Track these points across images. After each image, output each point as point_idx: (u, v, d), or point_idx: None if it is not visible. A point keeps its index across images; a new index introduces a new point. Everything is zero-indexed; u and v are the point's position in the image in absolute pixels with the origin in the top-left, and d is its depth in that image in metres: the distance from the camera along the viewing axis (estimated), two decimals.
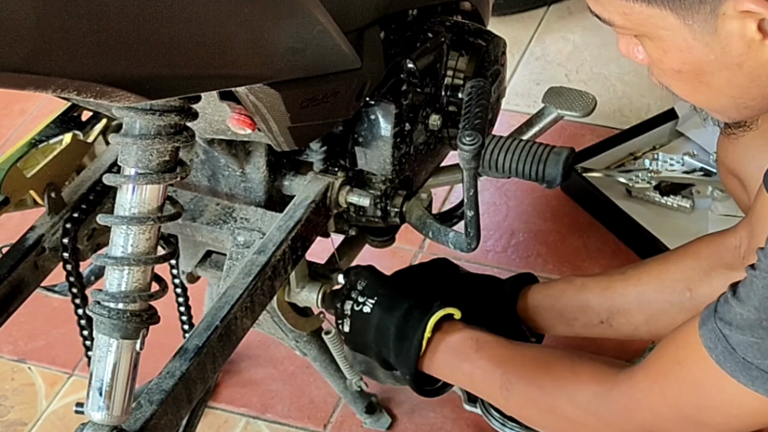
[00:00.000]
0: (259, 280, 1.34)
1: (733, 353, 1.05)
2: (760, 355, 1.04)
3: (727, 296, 1.07)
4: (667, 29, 0.98)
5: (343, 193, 1.46)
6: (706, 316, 1.09)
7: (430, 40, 1.48)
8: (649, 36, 1.00)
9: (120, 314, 1.14)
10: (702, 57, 0.98)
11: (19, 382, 1.86)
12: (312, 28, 1.16)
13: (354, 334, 1.47)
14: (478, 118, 1.34)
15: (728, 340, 1.05)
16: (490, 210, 2.05)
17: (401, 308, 1.43)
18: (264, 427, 1.76)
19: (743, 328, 1.04)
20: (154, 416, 1.20)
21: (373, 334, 1.45)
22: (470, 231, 1.41)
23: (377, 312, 1.44)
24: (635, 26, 1.00)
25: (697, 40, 0.97)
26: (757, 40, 0.94)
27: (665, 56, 1.01)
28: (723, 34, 0.95)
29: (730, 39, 0.95)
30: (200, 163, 1.48)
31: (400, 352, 1.42)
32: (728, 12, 0.94)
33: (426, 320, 1.40)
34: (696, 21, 0.95)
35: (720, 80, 1.00)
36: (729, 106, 1.04)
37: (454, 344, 1.40)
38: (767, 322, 1.02)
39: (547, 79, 2.28)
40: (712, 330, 1.07)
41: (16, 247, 1.41)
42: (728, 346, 1.05)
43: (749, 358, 1.04)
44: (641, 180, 2.01)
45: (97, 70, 0.93)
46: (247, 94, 1.19)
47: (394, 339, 1.42)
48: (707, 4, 0.94)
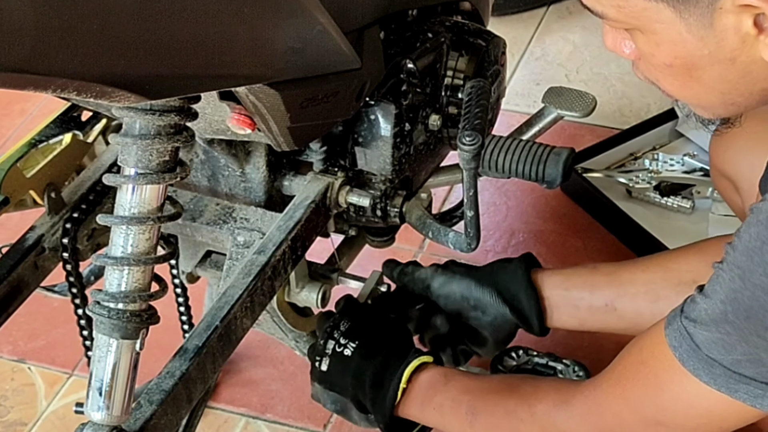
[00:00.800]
0: (259, 280, 1.34)
1: (697, 351, 1.06)
2: (724, 351, 1.04)
3: (693, 296, 1.07)
4: (661, 22, 0.97)
5: (343, 193, 1.46)
6: (672, 316, 1.10)
7: (430, 40, 1.48)
8: (642, 29, 1.00)
9: (120, 314, 1.14)
10: (695, 51, 0.98)
11: (19, 382, 1.86)
12: (312, 28, 1.16)
13: (331, 374, 1.46)
14: (478, 118, 1.34)
15: (693, 338, 1.06)
16: (490, 210, 2.05)
17: (380, 355, 1.43)
18: (264, 427, 1.76)
19: (708, 323, 1.04)
20: (154, 416, 1.20)
21: (351, 377, 1.45)
22: (470, 231, 1.41)
23: (357, 356, 1.44)
24: (629, 19, 0.99)
25: (691, 34, 0.97)
26: (752, 35, 0.94)
27: (657, 50, 1.00)
28: (719, 28, 0.95)
29: (726, 33, 0.95)
30: (200, 163, 1.48)
31: (375, 398, 1.43)
32: (726, 6, 0.93)
33: (402, 370, 1.41)
34: (692, 14, 0.95)
35: (711, 75, 1.00)
36: (716, 102, 1.04)
37: (425, 382, 1.41)
38: (732, 315, 1.02)
39: (547, 79, 2.28)
40: (677, 329, 1.07)
41: (16, 247, 1.41)
42: (692, 344, 1.06)
43: (713, 355, 1.04)
44: (641, 180, 2.01)
45: (97, 70, 0.93)
46: (247, 94, 1.19)
47: (371, 386, 1.43)
48: None
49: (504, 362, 1.74)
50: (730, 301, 1.02)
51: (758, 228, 1.00)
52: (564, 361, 1.72)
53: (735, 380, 1.05)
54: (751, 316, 1.01)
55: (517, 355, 1.74)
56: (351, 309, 1.50)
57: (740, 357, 1.03)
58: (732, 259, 1.02)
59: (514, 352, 1.73)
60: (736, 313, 1.02)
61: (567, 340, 1.81)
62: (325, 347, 1.46)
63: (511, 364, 1.74)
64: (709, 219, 1.96)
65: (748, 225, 1.01)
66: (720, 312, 1.03)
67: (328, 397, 1.49)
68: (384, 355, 1.43)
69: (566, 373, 1.71)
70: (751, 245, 1.00)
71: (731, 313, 1.02)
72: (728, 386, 1.05)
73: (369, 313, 1.51)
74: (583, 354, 1.77)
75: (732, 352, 1.03)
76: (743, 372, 1.04)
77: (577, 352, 1.78)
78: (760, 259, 0.99)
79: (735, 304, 1.02)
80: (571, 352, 1.78)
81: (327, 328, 1.47)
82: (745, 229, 1.02)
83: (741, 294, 1.01)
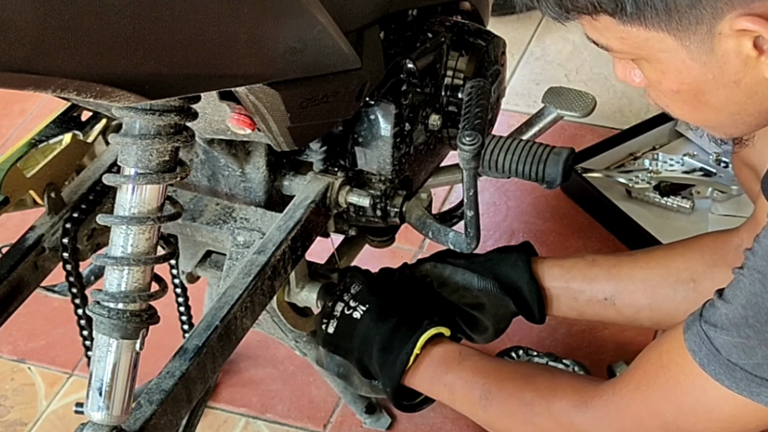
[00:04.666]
0: (259, 280, 1.34)
1: (717, 355, 1.06)
2: (744, 356, 1.05)
3: (713, 300, 1.08)
4: (664, 51, 0.99)
5: (343, 193, 1.46)
6: (691, 321, 1.10)
7: (430, 40, 1.48)
8: (647, 59, 1.02)
9: (120, 314, 1.14)
10: (700, 76, 0.99)
11: (19, 382, 1.85)
12: (312, 28, 1.16)
13: (337, 337, 1.46)
14: (478, 118, 1.34)
15: (713, 342, 1.06)
16: (490, 210, 2.05)
17: (390, 321, 1.43)
18: (264, 427, 1.76)
19: (728, 328, 1.05)
20: (154, 416, 1.20)
21: (359, 341, 1.44)
22: (470, 231, 1.41)
23: (366, 319, 1.44)
24: (633, 50, 1.01)
25: (694, 60, 0.98)
26: (753, 56, 0.96)
27: (664, 77, 1.02)
28: (720, 52, 0.97)
29: (727, 57, 0.97)
30: (200, 163, 1.48)
31: (384, 363, 1.42)
32: (724, 31, 0.95)
33: (417, 337, 1.40)
34: (693, 41, 0.97)
35: (718, 98, 1.01)
36: (727, 122, 1.06)
37: (438, 356, 1.41)
38: (753, 320, 1.03)
39: (547, 79, 2.28)
40: (697, 333, 1.08)
41: (16, 247, 1.41)
42: (713, 348, 1.06)
43: (734, 359, 1.05)
44: (641, 180, 2.01)
45: (97, 70, 0.94)
46: (247, 94, 1.19)
47: (379, 350, 1.42)
48: (704, 24, 0.95)
49: None
50: (751, 305, 1.03)
51: None
52: (564, 361, 1.72)
53: (757, 383, 1.05)
54: None
55: (517, 355, 1.74)
56: (365, 275, 1.49)
57: (761, 360, 1.04)
58: (752, 263, 1.03)
59: (514, 352, 1.73)
60: (756, 317, 1.03)
61: (567, 339, 1.81)
62: (333, 309, 1.46)
63: None
64: (708, 219, 1.96)
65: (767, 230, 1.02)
66: (741, 316, 1.04)
67: (331, 361, 1.49)
68: (397, 320, 1.42)
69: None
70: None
71: (752, 317, 1.03)
72: (750, 390, 1.06)
73: (380, 280, 1.51)
74: (583, 354, 1.77)
75: (753, 356, 1.04)
76: (765, 375, 1.04)
77: (577, 352, 1.78)
78: None
79: (756, 309, 1.03)
80: (571, 352, 1.78)
81: (337, 291, 1.47)
82: (764, 234, 1.03)
83: (762, 298, 1.02)
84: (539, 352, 1.75)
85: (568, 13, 0.99)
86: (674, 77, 1.01)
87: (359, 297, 1.46)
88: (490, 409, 1.34)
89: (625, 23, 0.98)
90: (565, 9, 0.99)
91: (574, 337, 1.81)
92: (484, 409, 1.35)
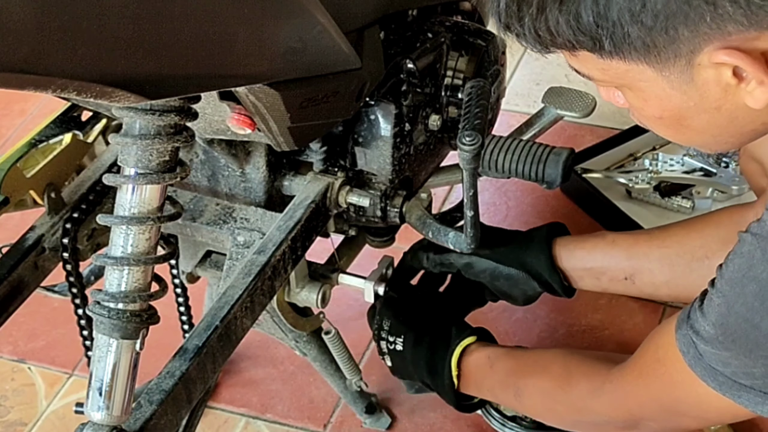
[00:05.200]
0: (259, 280, 1.34)
1: (701, 359, 1.12)
2: (722, 365, 1.10)
3: (696, 305, 1.12)
4: (645, 81, 1.00)
5: (343, 194, 1.46)
6: (681, 320, 1.15)
7: (430, 40, 1.48)
8: (629, 87, 1.03)
9: (120, 314, 1.14)
10: (681, 104, 1.01)
11: (19, 382, 1.86)
12: (312, 28, 1.16)
13: (397, 369, 1.58)
14: (478, 118, 1.34)
15: (696, 347, 1.12)
16: (490, 210, 2.05)
17: (425, 342, 1.52)
18: (264, 427, 1.76)
19: (706, 339, 1.10)
20: (154, 416, 1.20)
21: (412, 368, 1.55)
22: (470, 231, 1.41)
23: (408, 348, 1.54)
24: (614, 80, 1.03)
25: (674, 89, 1.00)
26: (733, 84, 0.97)
27: (645, 104, 1.04)
28: (700, 82, 0.98)
29: (707, 86, 0.98)
30: (200, 163, 1.48)
31: (436, 385, 1.54)
32: (703, 62, 0.96)
33: (449, 359, 1.49)
34: (672, 72, 0.98)
35: (700, 122, 1.03)
36: (710, 142, 1.08)
37: (473, 366, 1.50)
38: (722, 337, 1.08)
39: (547, 79, 2.28)
40: (685, 335, 1.13)
41: (16, 247, 1.41)
42: (697, 352, 1.12)
43: (713, 365, 1.10)
44: (641, 180, 2.01)
45: (97, 70, 0.94)
46: (247, 94, 1.19)
47: (428, 372, 1.53)
48: (682, 57, 0.96)
49: None
50: (719, 325, 1.08)
51: (741, 260, 1.05)
52: None
53: (737, 388, 1.10)
54: (737, 340, 1.07)
55: None
56: (389, 306, 1.56)
57: (736, 370, 1.09)
58: (719, 286, 1.08)
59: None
60: (725, 335, 1.08)
61: (567, 340, 1.81)
62: (381, 348, 1.57)
63: None
64: None
65: (734, 254, 1.07)
66: (713, 333, 1.09)
67: (405, 384, 1.66)
68: (429, 342, 1.52)
69: None
70: (734, 276, 1.06)
71: (721, 335, 1.08)
72: (732, 392, 1.11)
73: (406, 304, 1.57)
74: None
75: (728, 366, 1.09)
76: (742, 382, 1.09)
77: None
78: (740, 290, 1.05)
79: (723, 329, 1.08)
80: None
81: (375, 332, 1.57)
82: (731, 257, 1.07)
83: (726, 320, 1.07)
84: None
85: (547, 48, 1.01)
86: (656, 104, 1.03)
87: (393, 330, 1.55)
88: (524, 402, 1.45)
89: (604, 57, 0.99)
90: (544, 45, 1.01)
91: (574, 337, 1.82)
92: (520, 403, 1.46)
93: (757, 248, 1.03)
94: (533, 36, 1.00)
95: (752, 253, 1.04)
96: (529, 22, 0.98)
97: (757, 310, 1.03)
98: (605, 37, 0.96)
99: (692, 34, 0.94)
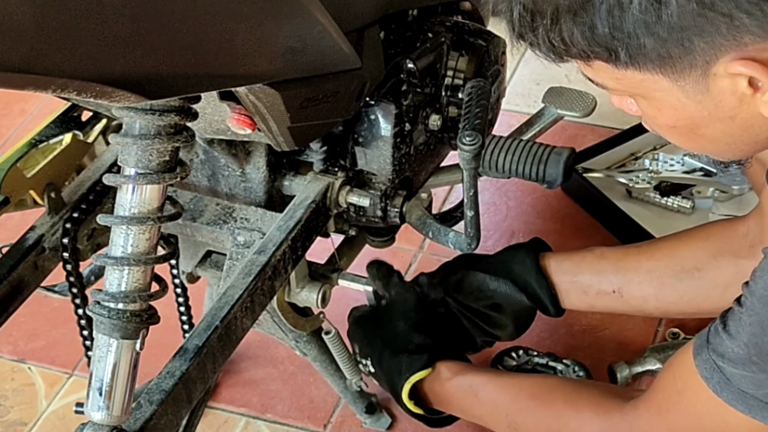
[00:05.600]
0: (259, 280, 1.33)
1: (728, 383, 1.09)
2: (753, 387, 1.07)
3: (717, 327, 1.10)
4: (660, 90, 1.00)
5: (343, 193, 1.46)
6: (699, 345, 1.12)
7: (430, 40, 1.48)
8: (643, 96, 1.03)
9: (120, 314, 1.14)
10: (695, 113, 1.00)
11: (19, 382, 1.85)
12: (312, 28, 1.16)
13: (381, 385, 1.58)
14: (478, 118, 1.34)
15: (723, 372, 1.09)
16: (490, 210, 2.05)
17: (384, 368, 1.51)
18: (264, 427, 1.76)
19: (736, 362, 1.07)
20: (154, 416, 1.20)
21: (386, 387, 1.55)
22: (470, 231, 1.41)
23: (376, 368, 1.54)
24: (628, 89, 1.03)
25: (689, 99, 0.99)
26: (749, 94, 0.97)
27: (660, 113, 1.04)
28: (715, 91, 0.98)
29: (722, 96, 0.98)
30: (200, 163, 1.48)
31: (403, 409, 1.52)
32: (719, 72, 0.96)
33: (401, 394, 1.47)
34: (688, 82, 0.98)
35: (714, 131, 1.02)
36: (724, 150, 1.07)
37: (455, 393, 1.46)
38: (756, 357, 1.05)
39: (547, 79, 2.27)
40: (707, 361, 1.10)
41: (16, 247, 1.41)
42: (723, 377, 1.09)
43: (744, 388, 1.07)
44: (642, 180, 2.01)
45: (97, 70, 0.93)
46: (247, 94, 1.19)
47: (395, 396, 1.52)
48: (698, 67, 0.96)
49: (504, 362, 1.74)
50: (753, 345, 1.05)
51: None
52: (564, 361, 1.72)
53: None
54: None
55: (517, 355, 1.74)
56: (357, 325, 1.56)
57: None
58: (750, 304, 1.05)
59: (514, 352, 1.73)
60: (759, 355, 1.05)
61: (567, 340, 1.81)
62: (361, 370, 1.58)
63: (511, 364, 1.74)
64: (709, 219, 1.96)
65: (762, 271, 1.04)
66: (745, 354, 1.06)
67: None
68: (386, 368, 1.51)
69: (566, 373, 1.71)
70: (765, 294, 1.03)
71: (755, 355, 1.05)
72: (763, 415, 1.08)
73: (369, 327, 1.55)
74: (583, 354, 1.77)
75: (762, 387, 1.06)
76: None
77: (577, 352, 1.78)
78: None
79: (757, 348, 1.05)
80: (571, 352, 1.78)
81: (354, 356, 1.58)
82: (759, 274, 1.05)
83: (761, 339, 1.04)
84: (539, 352, 1.75)
85: (561, 58, 1.01)
86: (670, 113, 1.02)
87: (362, 353, 1.55)
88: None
89: (619, 68, 0.99)
90: (558, 55, 1.00)
91: (574, 337, 1.81)
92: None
93: None
94: (547, 46, 0.99)
95: None
96: (543, 32, 0.98)
97: None
98: (621, 48, 0.96)
99: (708, 45, 0.93)
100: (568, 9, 0.95)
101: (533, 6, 0.97)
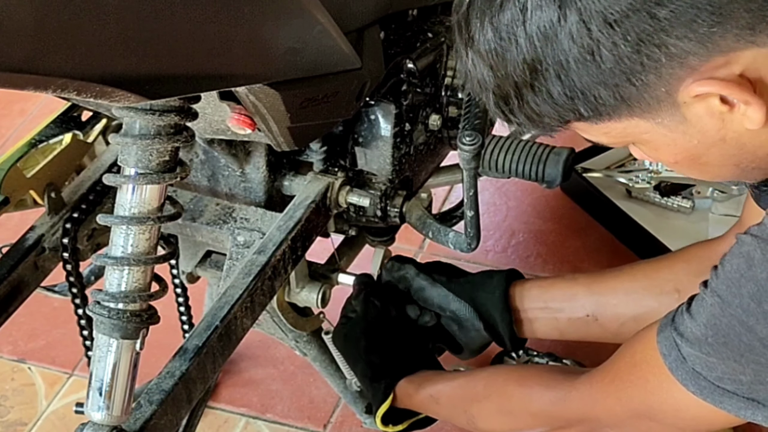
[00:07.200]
0: (259, 280, 1.33)
1: (684, 362, 1.09)
2: (706, 369, 1.07)
3: (683, 308, 1.10)
4: (645, 132, 1.01)
5: (343, 194, 1.46)
6: (664, 323, 1.12)
7: (430, 40, 1.48)
8: (635, 142, 1.04)
9: (120, 314, 1.14)
10: (687, 144, 1.01)
11: (19, 382, 1.86)
12: (312, 28, 1.16)
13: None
14: (478, 118, 1.34)
15: (680, 350, 1.09)
16: (490, 210, 2.05)
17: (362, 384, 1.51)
18: (264, 427, 1.76)
19: (692, 341, 1.07)
20: (154, 416, 1.20)
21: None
22: (470, 231, 1.41)
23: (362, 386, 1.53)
24: (620, 139, 1.04)
25: (674, 132, 1.00)
26: (726, 111, 0.97)
27: (659, 153, 1.05)
28: (693, 119, 0.98)
29: (702, 121, 0.98)
30: (200, 163, 1.48)
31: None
32: (687, 100, 0.96)
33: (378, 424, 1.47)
34: (664, 117, 0.98)
35: (714, 157, 1.03)
36: (737, 173, 1.07)
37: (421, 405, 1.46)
38: (712, 339, 1.05)
39: None
40: (668, 338, 1.11)
41: (16, 247, 1.41)
42: (680, 355, 1.09)
43: (698, 369, 1.08)
44: (641, 180, 2.01)
45: (97, 70, 0.93)
46: (247, 94, 1.19)
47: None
48: (663, 100, 0.97)
49: (504, 362, 1.74)
50: (711, 326, 1.06)
51: (739, 260, 1.03)
52: (564, 360, 1.72)
53: (719, 393, 1.08)
54: (729, 342, 1.04)
55: (518, 355, 1.74)
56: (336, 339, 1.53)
57: (722, 375, 1.06)
58: (714, 285, 1.06)
59: (515, 353, 1.73)
60: (715, 337, 1.05)
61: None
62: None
63: (512, 363, 1.74)
64: (709, 219, 1.96)
65: (731, 255, 1.05)
66: (702, 334, 1.06)
67: None
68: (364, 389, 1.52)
69: None
70: (731, 276, 1.04)
71: (711, 336, 1.06)
72: (713, 398, 1.08)
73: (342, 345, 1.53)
74: (582, 354, 1.77)
75: (714, 370, 1.07)
76: (726, 387, 1.07)
77: (577, 352, 1.78)
78: (737, 291, 1.03)
79: (714, 329, 1.05)
80: (571, 352, 1.78)
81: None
82: (728, 258, 1.05)
83: (719, 321, 1.05)
84: (539, 351, 1.75)
85: (545, 130, 1.03)
86: (666, 151, 1.03)
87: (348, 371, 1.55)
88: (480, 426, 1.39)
89: (597, 122, 1.00)
90: (542, 128, 1.03)
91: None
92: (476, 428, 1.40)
93: (757, 249, 1.02)
94: (528, 122, 1.02)
95: (751, 254, 1.03)
96: (518, 110, 1.01)
97: (753, 311, 1.02)
98: (581, 105, 0.98)
99: (658, 78, 0.95)
100: (524, 83, 0.98)
101: (499, 91, 1.01)
